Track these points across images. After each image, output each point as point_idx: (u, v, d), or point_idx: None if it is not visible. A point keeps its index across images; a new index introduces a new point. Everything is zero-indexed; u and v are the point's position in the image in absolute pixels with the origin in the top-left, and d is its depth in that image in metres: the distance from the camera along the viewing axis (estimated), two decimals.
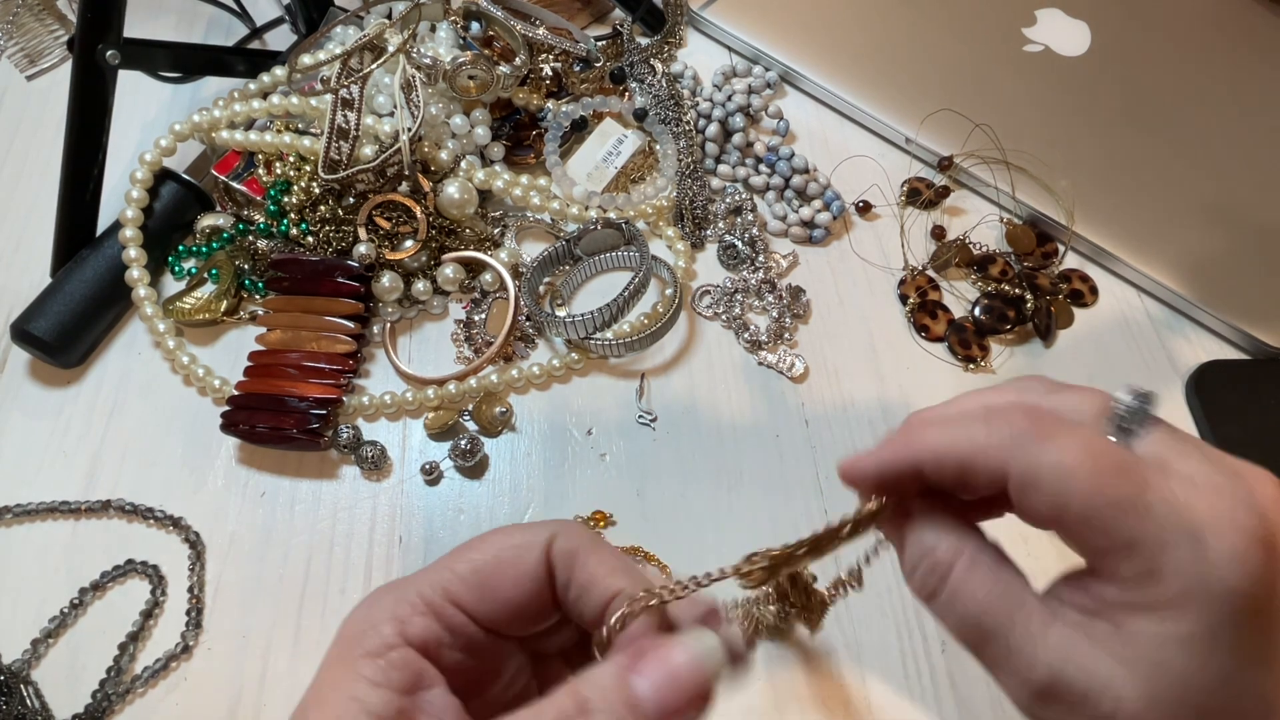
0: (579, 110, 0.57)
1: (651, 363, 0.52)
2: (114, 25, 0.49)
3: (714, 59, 0.64)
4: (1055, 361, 0.52)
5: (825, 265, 0.56)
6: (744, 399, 0.50)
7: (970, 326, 0.53)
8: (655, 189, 0.56)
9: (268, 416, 0.47)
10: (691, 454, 0.49)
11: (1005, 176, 0.57)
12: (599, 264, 0.54)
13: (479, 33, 0.57)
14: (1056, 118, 0.60)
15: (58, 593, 0.44)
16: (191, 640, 0.43)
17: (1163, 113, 0.60)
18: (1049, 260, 0.56)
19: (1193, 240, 0.55)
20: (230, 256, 0.52)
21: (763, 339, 0.52)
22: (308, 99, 0.53)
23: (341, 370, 0.49)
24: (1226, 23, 0.65)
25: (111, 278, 0.51)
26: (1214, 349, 0.53)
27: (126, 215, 0.51)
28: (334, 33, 0.56)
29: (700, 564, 0.45)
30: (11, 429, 0.49)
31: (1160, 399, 0.32)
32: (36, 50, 0.64)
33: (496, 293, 0.53)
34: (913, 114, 0.59)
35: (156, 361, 0.51)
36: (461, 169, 0.54)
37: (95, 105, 0.50)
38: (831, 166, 0.59)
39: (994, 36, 0.64)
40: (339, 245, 0.51)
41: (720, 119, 0.59)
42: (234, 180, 0.54)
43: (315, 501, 0.47)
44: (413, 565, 0.45)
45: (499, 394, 0.50)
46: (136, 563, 0.45)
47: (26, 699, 0.41)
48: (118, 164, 0.55)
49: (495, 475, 0.48)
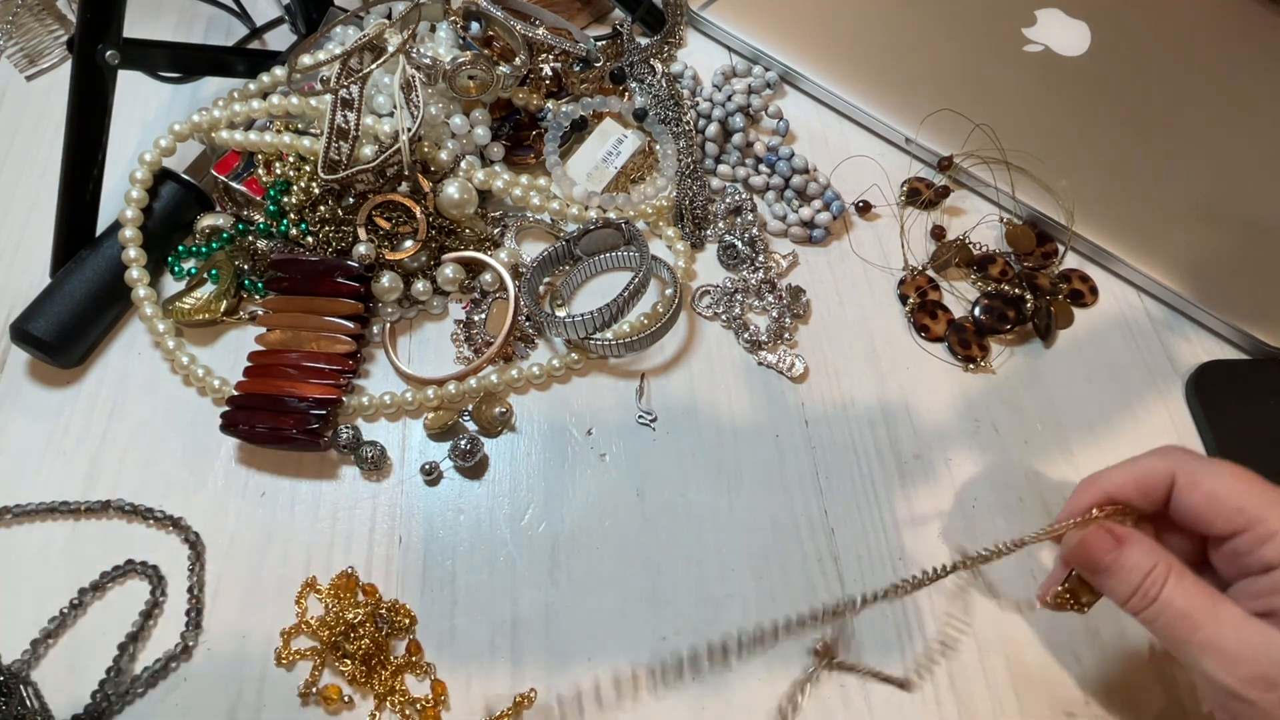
0: (579, 110, 0.57)
1: (651, 363, 0.52)
2: (114, 25, 0.49)
3: (714, 59, 0.64)
4: (1055, 361, 0.52)
5: (825, 265, 0.56)
6: (744, 399, 0.50)
7: (970, 326, 0.53)
8: (655, 189, 0.56)
9: (267, 417, 0.47)
10: (691, 454, 0.49)
11: (1005, 176, 0.57)
12: (599, 264, 0.54)
13: (479, 33, 0.57)
14: (1056, 118, 0.60)
15: (58, 593, 0.44)
16: (191, 640, 0.43)
17: (1162, 113, 0.60)
18: (1049, 260, 0.56)
19: (1193, 240, 0.55)
20: (230, 256, 0.52)
21: (763, 339, 0.52)
22: (307, 99, 0.53)
23: (341, 370, 0.49)
24: (1226, 23, 0.65)
25: (111, 278, 0.51)
26: (1214, 349, 0.53)
27: (126, 215, 0.51)
28: (334, 33, 0.56)
29: (700, 564, 0.45)
30: (11, 429, 0.49)
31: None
32: (36, 50, 0.64)
33: (496, 293, 0.53)
34: (913, 114, 0.59)
35: (156, 361, 0.51)
36: (461, 169, 0.54)
37: (95, 105, 0.50)
38: (831, 166, 0.59)
39: (994, 36, 0.64)
40: (339, 245, 0.51)
41: (720, 119, 0.59)
42: (234, 180, 0.54)
43: (315, 502, 0.47)
44: (413, 565, 0.45)
45: (499, 394, 0.50)
46: (136, 563, 0.45)
47: (26, 699, 0.41)
48: (118, 164, 0.55)
49: (495, 475, 0.48)
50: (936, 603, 0.45)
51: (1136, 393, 0.51)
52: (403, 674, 0.42)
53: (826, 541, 0.46)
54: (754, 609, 0.44)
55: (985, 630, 0.44)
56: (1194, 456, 0.37)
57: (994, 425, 0.50)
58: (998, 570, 0.46)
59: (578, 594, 0.45)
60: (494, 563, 0.45)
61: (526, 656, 0.43)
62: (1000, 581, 0.45)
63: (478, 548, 0.46)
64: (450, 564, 0.45)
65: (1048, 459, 0.49)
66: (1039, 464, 0.49)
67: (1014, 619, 0.44)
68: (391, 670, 0.42)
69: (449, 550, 0.46)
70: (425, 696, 0.42)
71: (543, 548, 0.46)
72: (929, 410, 0.50)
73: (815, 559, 0.46)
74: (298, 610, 0.44)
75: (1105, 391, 0.51)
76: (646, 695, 0.42)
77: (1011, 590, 0.45)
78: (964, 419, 0.50)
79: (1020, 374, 0.52)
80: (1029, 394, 0.51)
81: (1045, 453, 0.49)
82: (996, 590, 0.45)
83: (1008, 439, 0.50)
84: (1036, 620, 0.44)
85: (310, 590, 0.44)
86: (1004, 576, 0.45)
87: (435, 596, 0.45)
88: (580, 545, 0.46)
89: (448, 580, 0.45)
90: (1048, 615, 0.44)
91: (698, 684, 0.43)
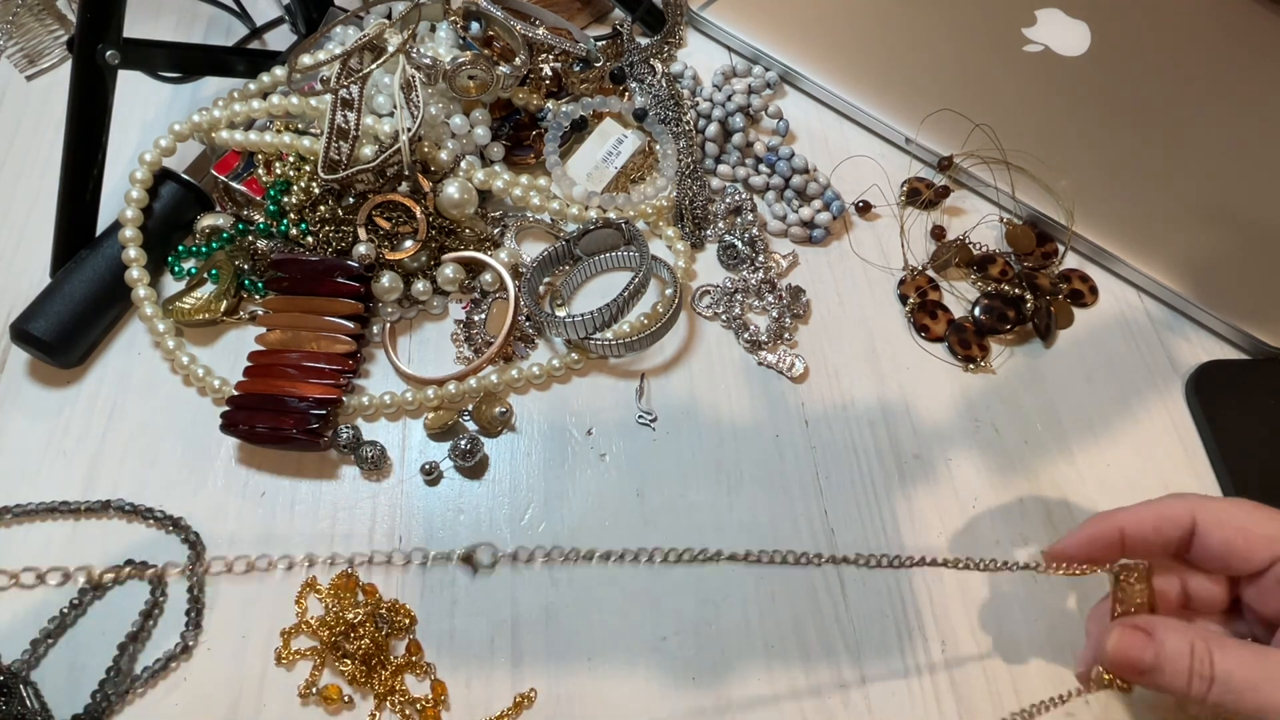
0: (579, 110, 0.57)
1: (651, 363, 0.52)
2: (114, 25, 0.49)
3: (714, 59, 0.64)
4: (1055, 361, 0.52)
5: (825, 265, 0.56)
6: (744, 399, 0.50)
7: (970, 326, 0.53)
8: (655, 189, 0.56)
9: (267, 417, 0.47)
10: (691, 454, 0.49)
11: (1005, 176, 0.57)
12: (599, 264, 0.54)
13: (479, 33, 0.57)
14: (1056, 118, 0.60)
15: (58, 593, 0.44)
16: (191, 640, 0.43)
17: (1163, 113, 0.60)
18: (1049, 260, 0.56)
19: (1193, 240, 0.55)
20: (230, 256, 0.52)
21: (763, 339, 0.52)
22: (307, 99, 0.53)
23: (341, 370, 0.49)
24: (1226, 23, 0.65)
25: (111, 278, 0.51)
26: (1214, 349, 0.53)
27: (126, 215, 0.51)
28: (334, 33, 0.56)
29: (701, 565, 0.45)
30: (11, 429, 0.49)
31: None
32: (36, 50, 0.64)
33: (496, 293, 0.53)
34: (913, 114, 0.59)
35: (156, 361, 0.51)
36: (461, 169, 0.54)
37: (95, 105, 0.50)
38: (831, 166, 0.59)
39: (994, 36, 0.63)
40: (339, 245, 0.51)
41: (720, 119, 0.59)
42: (234, 180, 0.54)
43: (315, 501, 0.47)
44: (413, 565, 0.45)
45: (499, 394, 0.50)
46: (136, 563, 0.45)
47: (26, 699, 0.41)
48: (118, 164, 0.55)
49: (495, 475, 0.48)
50: (936, 602, 0.45)
51: (1136, 393, 0.51)
52: (403, 674, 0.42)
53: (826, 541, 0.46)
54: (754, 609, 0.44)
55: (986, 629, 0.44)
56: (1210, 497, 0.37)
57: (994, 425, 0.50)
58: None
59: (578, 594, 0.45)
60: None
61: (526, 656, 0.43)
62: (1000, 580, 0.45)
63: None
64: (450, 564, 0.45)
65: (1048, 459, 0.49)
66: (1039, 464, 0.49)
67: (1014, 618, 0.44)
68: (391, 670, 0.42)
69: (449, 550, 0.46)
70: (425, 696, 0.42)
71: (543, 548, 0.46)
72: (929, 410, 0.50)
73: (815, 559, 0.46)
74: (298, 610, 0.44)
75: (1105, 391, 0.51)
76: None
77: (1011, 589, 0.45)
78: (964, 419, 0.50)
79: (1020, 374, 0.52)
80: (1029, 394, 0.51)
81: (1045, 453, 0.49)
82: (996, 589, 0.45)
83: (1008, 439, 0.50)
84: (1036, 620, 0.44)
85: (310, 590, 0.44)
86: (1004, 576, 0.45)
87: (435, 596, 0.45)
88: (580, 545, 0.46)
89: (448, 580, 0.45)
90: (1047, 615, 0.44)
91: (697, 684, 0.43)
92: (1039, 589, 0.45)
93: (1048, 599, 0.45)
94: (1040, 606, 0.45)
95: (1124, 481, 0.48)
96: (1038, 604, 0.45)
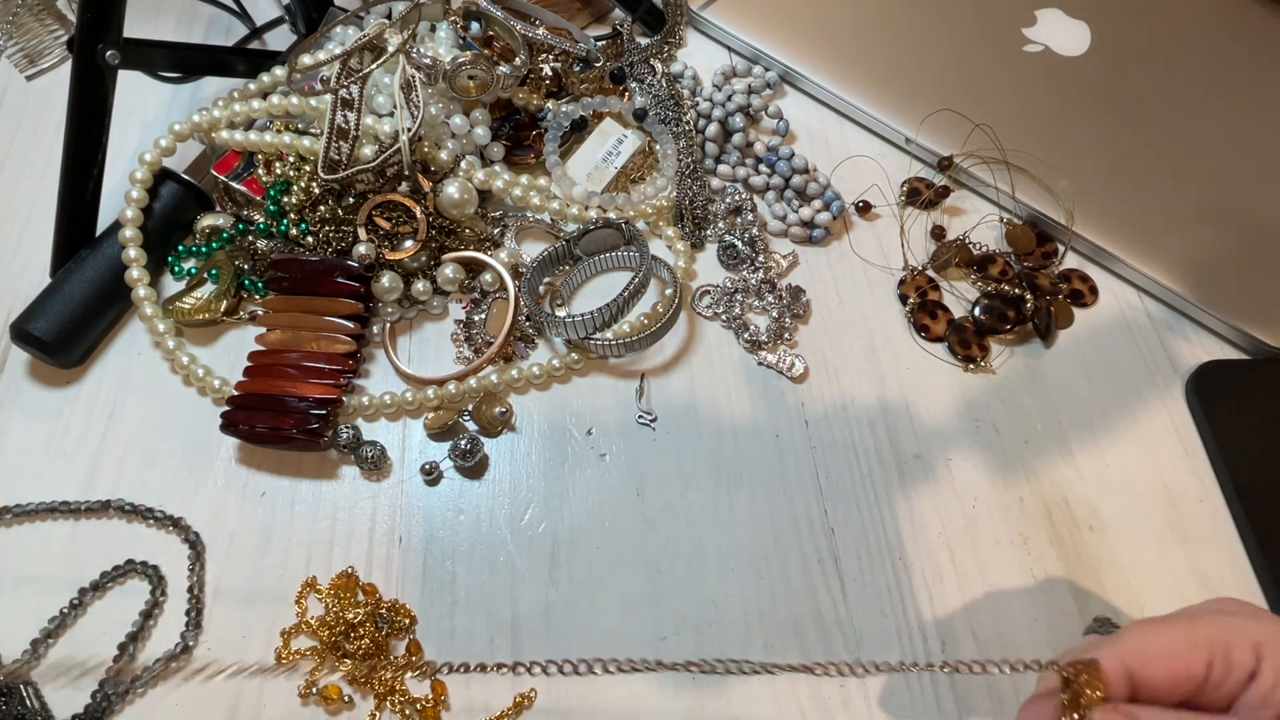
0: (579, 110, 0.57)
1: (651, 363, 0.52)
2: (114, 25, 0.49)
3: (714, 59, 0.64)
4: (1055, 361, 0.52)
5: (825, 265, 0.56)
6: (744, 399, 0.50)
7: (970, 326, 0.53)
8: (655, 189, 0.56)
9: (267, 416, 0.47)
10: (691, 454, 0.49)
11: (1005, 176, 0.57)
12: (599, 264, 0.54)
13: (479, 33, 0.57)
14: (1056, 118, 0.60)
15: (58, 593, 0.44)
16: (191, 640, 0.43)
17: (1163, 113, 0.60)
18: (1049, 260, 0.56)
19: (1193, 240, 0.55)
20: (230, 256, 0.52)
21: (763, 339, 0.52)
22: (307, 99, 0.53)
23: (341, 370, 0.49)
24: (1226, 23, 0.65)
25: (111, 278, 0.51)
26: (1214, 349, 0.53)
27: (126, 215, 0.51)
28: (334, 33, 0.56)
29: (700, 565, 0.45)
30: (11, 429, 0.49)
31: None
32: (36, 50, 0.64)
33: (496, 293, 0.53)
34: (913, 114, 0.59)
35: (156, 361, 0.51)
36: (461, 169, 0.54)
37: (95, 105, 0.50)
38: (831, 166, 0.59)
39: (994, 36, 0.63)
40: (339, 245, 0.51)
41: (720, 119, 0.59)
42: (234, 180, 0.54)
43: (315, 501, 0.47)
44: (413, 565, 0.45)
45: (499, 394, 0.50)
46: (136, 563, 0.45)
47: (26, 699, 0.41)
48: (118, 164, 0.55)
49: (495, 475, 0.48)
50: (937, 602, 0.45)
51: (1136, 393, 0.51)
52: (403, 674, 0.42)
53: (826, 541, 0.46)
54: (754, 609, 0.44)
55: (985, 629, 0.44)
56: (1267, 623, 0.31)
57: (994, 425, 0.50)
58: (997, 570, 0.46)
59: (578, 594, 0.45)
60: (494, 563, 0.45)
61: (526, 656, 0.43)
62: (1000, 580, 0.45)
63: (478, 548, 0.46)
64: (450, 564, 0.45)
65: (1048, 459, 0.49)
66: (1039, 464, 0.49)
67: (1014, 618, 0.44)
68: (392, 670, 0.42)
69: (449, 550, 0.46)
70: (425, 696, 0.42)
71: (543, 548, 0.46)
72: (929, 410, 0.50)
73: (815, 559, 0.46)
74: (298, 610, 0.44)
75: (1105, 391, 0.51)
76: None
77: (1011, 589, 0.45)
78: (964, 419, 0.50)
79: (1020, 374, 0.52)
80: (1029, 394, 0.51)
81: (1045, 453, 0.49)
82: (996, 589, 0.45)
83: (1008, 439, 0.50)
84: (1036, 620, 0.44)
85: (310, 590, 0.44)
86: (1004, 575, 0.45)
87: (435, 596, 0.45)
88: (580, 545, 0.46)
89: (448, 580, 0.45)
90: (1047, 615, 0.44)
91: (697, 684, 0.43)
92: (1039, 589, 0.45)
93: (1048, 599, 0.45)
94: (1040, 607, 0.45)
95: (1124, 481, 0.48)
96: (1038, 604, 0.45)
